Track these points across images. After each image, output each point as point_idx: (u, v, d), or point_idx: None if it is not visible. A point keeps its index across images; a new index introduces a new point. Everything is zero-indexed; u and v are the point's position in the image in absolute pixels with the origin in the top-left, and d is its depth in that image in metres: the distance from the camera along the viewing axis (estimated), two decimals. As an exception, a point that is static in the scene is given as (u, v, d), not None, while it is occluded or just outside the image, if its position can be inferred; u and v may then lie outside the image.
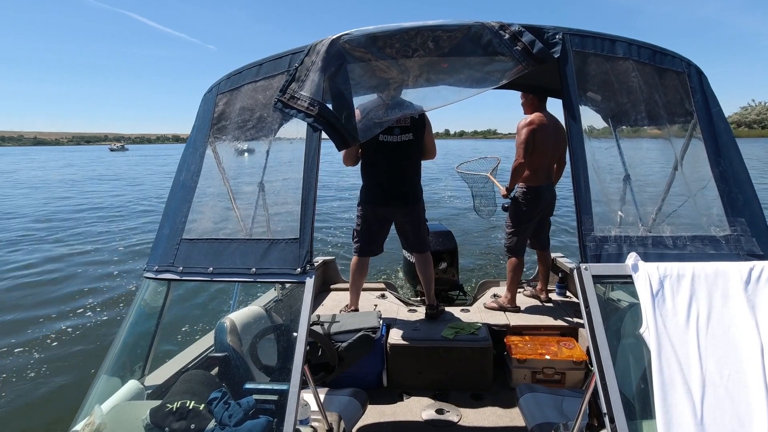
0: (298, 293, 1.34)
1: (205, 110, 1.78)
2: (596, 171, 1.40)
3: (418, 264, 3.16)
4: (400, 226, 3.07)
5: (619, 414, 1.08)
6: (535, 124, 2.98)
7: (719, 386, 1.08)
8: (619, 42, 1.48)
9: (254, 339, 1.79)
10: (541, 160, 3.06)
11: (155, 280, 1.60)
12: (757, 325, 1.15)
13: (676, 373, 1.09)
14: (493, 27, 1.42)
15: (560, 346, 2.72)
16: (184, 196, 1.67)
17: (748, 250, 1.33)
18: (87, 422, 1.36)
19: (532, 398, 1.93)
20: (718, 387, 1.08)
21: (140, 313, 1.75)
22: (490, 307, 3.26)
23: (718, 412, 1.05)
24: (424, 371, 2.70)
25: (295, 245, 1.41)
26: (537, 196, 3.13)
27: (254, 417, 1.28)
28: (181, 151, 1.82)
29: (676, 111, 1.53)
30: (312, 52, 1.48)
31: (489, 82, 1.51)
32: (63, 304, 5.67)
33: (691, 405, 1.06)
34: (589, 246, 1.31)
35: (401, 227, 3.07)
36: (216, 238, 1.58)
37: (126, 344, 1.74)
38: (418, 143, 2.82)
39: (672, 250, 1.33)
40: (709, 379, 1.09)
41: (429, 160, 3.06)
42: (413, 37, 1.45)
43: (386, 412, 2.49)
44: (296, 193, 1.46)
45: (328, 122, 1.47)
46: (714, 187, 1.42)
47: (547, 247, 3.43)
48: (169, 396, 1.40)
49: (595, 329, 1.19)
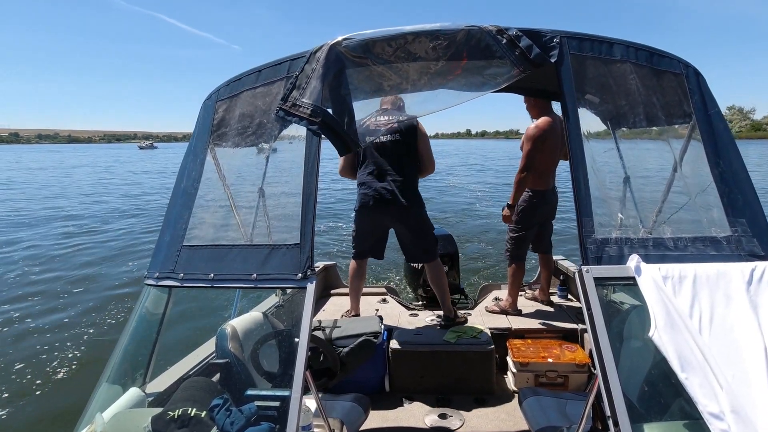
0: (299, 299, 1.34)
1: (204, 117, 1.79)
2: (596, 173, 1.41)
3: (428, 273, 3.06)
4: (399, 235, 3.00)
5: (623, 417, 1.07)
6: (543, 131, 2.94)
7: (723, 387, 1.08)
8: (616, 44, 1.49)
9: (256, 345, 1.78)
10: (548, 164, 3.05)
11: (156, 287, 1.60)
12: (760, 326, 1.15)
13: (695, 374, 1.09)
14: (491, 31, 1.43)
15: (563, 349, 2.71)
16: (185, 203, 1.67)
17: (749, 251, 1.32)
18: (88, 430, 1.36)
19: (536, 402, 1.92)
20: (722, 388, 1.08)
21: (141, 320, 1.75)
22: (492, 311, 3.25)
23: (723, 414, 1.05)
24: (427, 376, 2.68)
25: (296, 251, 1.41)
26: (542, 201, 3.11)
27: (256, 423, 1.27)
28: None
29: (675, 112, 1.53)
30: (312, 59, 1.49)
31: (487, 86, 1.52)
32: (67, 309, 5.67)
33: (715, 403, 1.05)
34: (590, 248, 1.31)
35: (399, 236, 3.01)
36: (217, 245, 1.58)
37: (127, 351, 1.73)
38: (408, 146, 2.79)
39: (673, 251, 1.33)
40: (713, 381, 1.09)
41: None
42: (412, 41, 1.46)
43: (389, 417, 2.47)
44: (296, 199, 1.46)
45: (331, 128, 1.47)
46: (714, 188, 1.42)
47: (549, 251, 3.42)
48: (171, 403, 1.40)
49: (597, 332, 1.18)
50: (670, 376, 1.12)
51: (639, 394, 1.30)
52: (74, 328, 5.13)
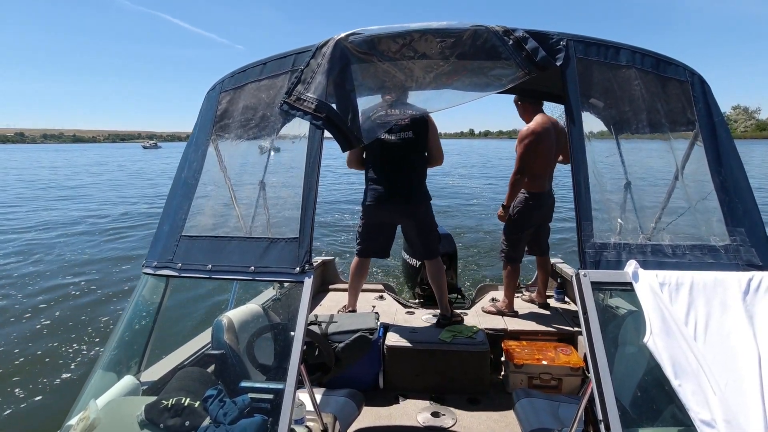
0: (297, 293, 1.34)
1: (207, 108, 1.78)
2: (597, 178, 1.41)
3: (428, 270, 3.06)
4: (405, 230, 3.01)
5: (615, 422, 1.07)
6: (536, 134, 2.95)
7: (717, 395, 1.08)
8: (622, 50, 1.49)
9: (251, 337, 1.78)
10: (544, 167, 3.05)
11: (154, 276, 1.60)
12: (755, 335, 1.15)
13: (689, 381, 1.09)
14: (497, 32, 1.43)
15: (557, 352, 2.72)
16: (185, 194, 1.67)
17: (746, 261, 1.32)
18: (81, 417, 1.36)
19: (529, 403, 1.93)
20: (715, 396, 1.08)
21: (138, 309, 1.75)
22: (488, 311, 3.25)
23: (714, 421, 1.05)
24: (421, 374, 2.69)
25: (295, 244, 1.41)
26: (538, 203, 3.12)
27: (249, 415, 1.27)
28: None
29: (678, 120, 1.53)
30: (318, 54, 1.48)
31: (492, 87, 1.52)
32: (61, 294, 5.68)
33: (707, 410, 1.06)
34: (588, 252, 1.31)
35: (405, 231, 3.01)
36: (216, 236, 1.58)
37: (123, 340, 1.73)
38: (419, 142, 2.79)
39: (671, 258, 1.33)
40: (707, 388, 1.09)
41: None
42: (418, 39, 1.46)
43: (382, 414, 2.48)
44: (297, 193, 1.46)
45: (334, 124, 1.47)
46: (714, 197, 1.42)
47: (546, 253, 3.42)
48: (165, 392, 1.40)
49: (592, 336, 1.18)
50: (663, 382, 1.12)
51: (632, 399, 1.30)
52: (71, 313, 5.15)
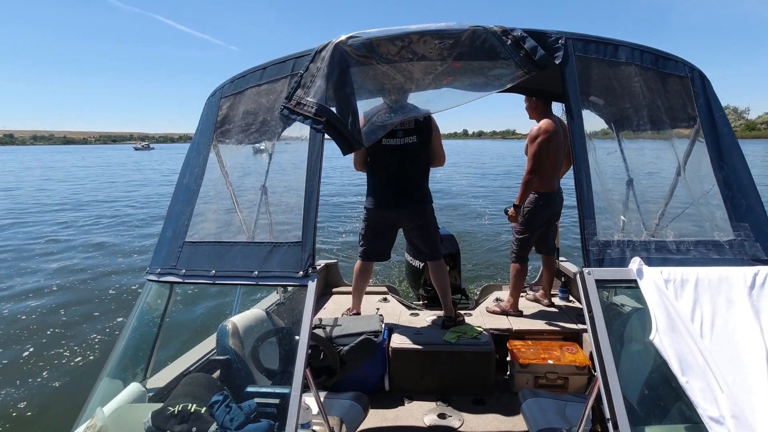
0: (300, 296, 1.34)
1: (208, 114, 1.79)
2: (599, 175, 1.40)
3: (431, 272, 3.06)
4: (408, 233, 3.01)
5: (623, 420, 1.07)
6: (548, 133, 2.94)
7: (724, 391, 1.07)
8: (621, 47, 1.49)
9: (256, 342, 1.78)
10: (553, 167, 3.05)
11: (158, 283, 1.61)
12: (762, 330, 1.15)
13: (696, 377, 1.09)
14: (495, 32, 1.43)
15: (563, 350, 2.71)
16: (188, 199, 1.68)
17: (751, 255, 1.32)
18: (89, 425, 1.37)
19: (535, 403, 1.92)
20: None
21: (142, 316, 1.75)
22: (493, 311, 3.24)
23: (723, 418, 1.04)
24: (426, 375, 2.69)
25: (298, 248, 1.41)
26: (548, 203, 3.12)
27: (256, 420, 1.27)
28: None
29: (679, 115, 1.52)
30: (317, 58, 1.49)
31: (492, 87, 1.52)
32: (66, 303, 5.69)
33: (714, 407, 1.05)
34: (592, 250, 1.31)
35: (409, 234, 3.02)
36: (219, 241, 1.58)
37: (128, 347, 1.74)
38: (423, 146, 2.78)
39: (675, 254, 1.32)
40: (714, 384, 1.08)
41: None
42: (417, 40, 1.46)
43: (388, 417, 2.48)
44: (299, 196, 1.46)
45: (334, 127, 1.48)
46: (717, 192, 1.41)
47: (553, 252, 3.42)
48: (171, 399, 1.40)
49: (598, 334, 1.18)
50: (670, 379, 1.12)
51: (639, 397, 1.30)
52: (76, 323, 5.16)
